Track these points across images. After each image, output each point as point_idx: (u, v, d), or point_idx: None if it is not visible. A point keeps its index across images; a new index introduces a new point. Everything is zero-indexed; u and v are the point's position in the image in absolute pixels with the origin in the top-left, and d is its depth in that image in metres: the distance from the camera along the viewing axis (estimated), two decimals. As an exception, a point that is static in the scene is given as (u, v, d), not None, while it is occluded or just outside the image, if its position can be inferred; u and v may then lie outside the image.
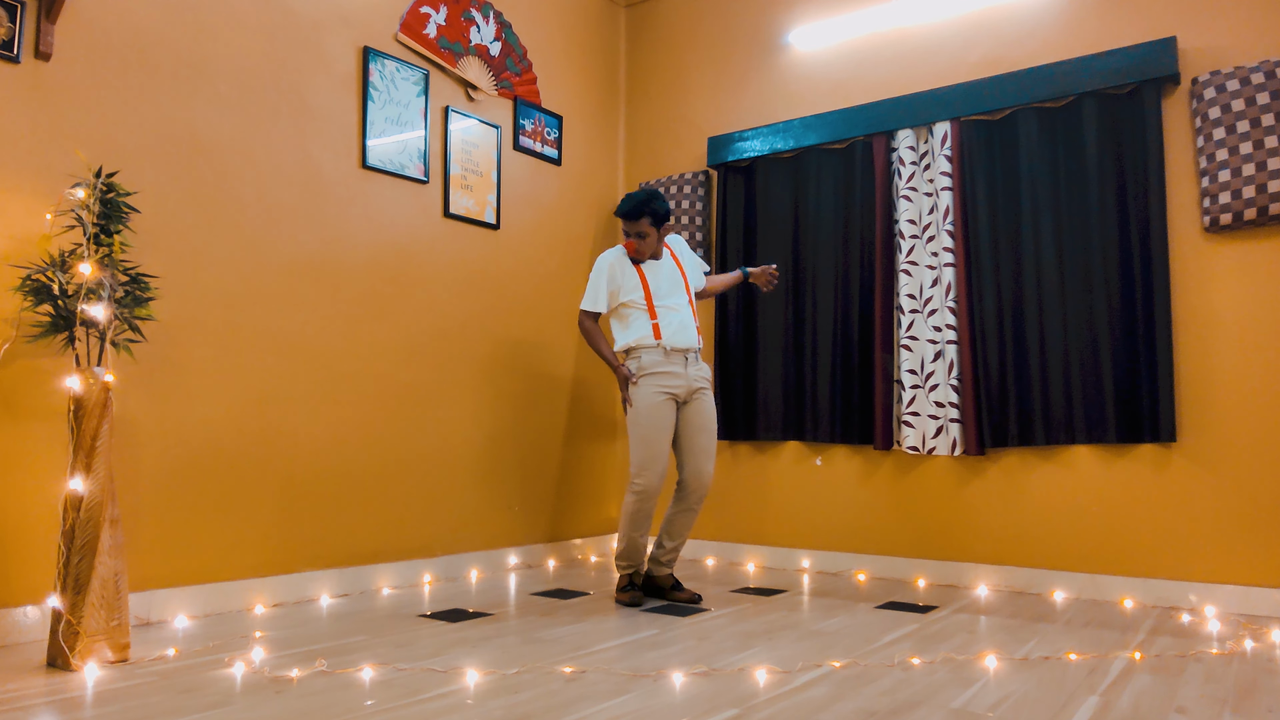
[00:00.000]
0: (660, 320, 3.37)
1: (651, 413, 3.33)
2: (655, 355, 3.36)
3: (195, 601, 3.06)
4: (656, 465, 3.32)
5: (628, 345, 3.42)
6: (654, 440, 3.33)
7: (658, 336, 3.36)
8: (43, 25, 2.77)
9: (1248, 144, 3.26)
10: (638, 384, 3.35)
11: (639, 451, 3.33)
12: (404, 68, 3.87)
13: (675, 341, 3.37)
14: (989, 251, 3.84)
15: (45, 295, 2.48)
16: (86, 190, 2.53)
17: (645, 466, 3.32)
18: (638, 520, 3.36)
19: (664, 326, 3.37)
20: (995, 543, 3.81)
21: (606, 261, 3.47)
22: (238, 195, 3.27)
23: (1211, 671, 2.43)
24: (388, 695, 2.15)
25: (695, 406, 3.43)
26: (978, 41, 4.01)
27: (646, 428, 3.33)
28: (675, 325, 3.38)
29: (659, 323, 3.37)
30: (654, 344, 3.36)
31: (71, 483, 2.43)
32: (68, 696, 2.12)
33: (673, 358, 3.37)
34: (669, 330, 3.37)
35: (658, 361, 3.36)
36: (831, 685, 2.27)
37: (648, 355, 3.37)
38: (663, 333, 3.36)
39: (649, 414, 3.33)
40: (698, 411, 3.43)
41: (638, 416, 3.34)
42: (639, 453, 3.33)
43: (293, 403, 3.40)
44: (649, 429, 3.33)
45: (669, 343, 3.36)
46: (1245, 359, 3.36)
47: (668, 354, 3.37)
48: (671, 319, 3.38)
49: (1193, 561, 3.40)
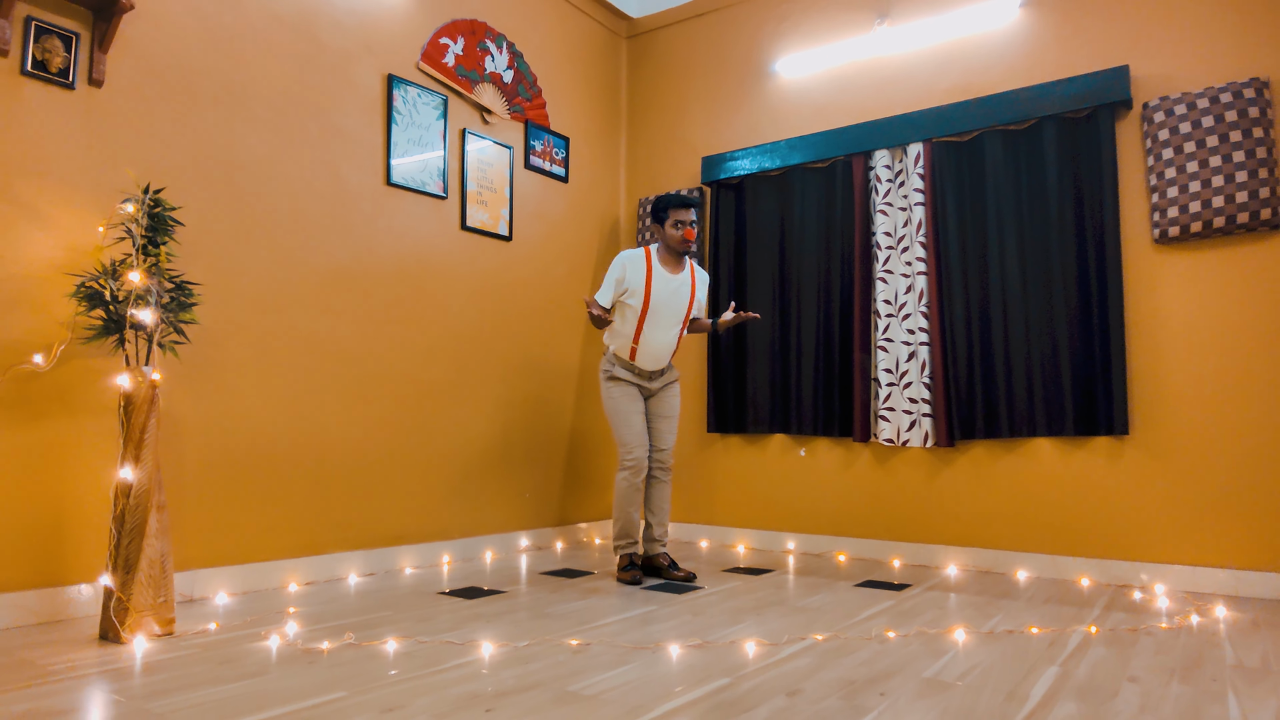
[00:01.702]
0: (640, 344, 3.38)
1: (622, 398, 3.40)
2: (625, 369, 3.43)
3: (234, 580, 3.06)
4: (641, 439, 3.37)
5: (609, 347, 3.47)
6: (632, 420, 3.38)
7: (631, 358, 3.41)
8: (96, 55, 2.77)
9: (1193, 163, 3.26)
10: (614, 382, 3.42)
11: (623, 431, 3.37)
12: (425, 94, 3.87)
13: (644, 364, 3.42)
14: (958, 261, 3.84)
15: (98, 301, 2.48)
16: (135, 205, 2.53)
17: (633, 443, 3.35)
18: (630, 495, 3.38)
19: (641, 350, 3.40)
20: (964, 526, 3.81)
21: (625, 260, 3.40)
22: (273, 210, 3.27)
23: (1161, 644, 2.43)
24: (410, 665, 2.15)
25: (658, 397, 3.50)
26: (948, 69, 4.01)
27: (622, 410, 3.38)
28: (651, 353, 3.40)
29: (638, 346, 3.39)
30: (627, 361, 3.42)
31: (122, 472, 2.43)
32: (118, 666, 2.12)
33: (640, 374, 3.44)
34: (643, 355, 3.40)
35: (628, 374, 3.42)
36: (815, 656, 2.27)
37: (620, 368, 3.43)
38: (638, 355, 3.40)
39: (620, 398, 3.40)
40: (660, 401, 3.50)
41: (612, 405, 3.40)
42: (623, 432, 3.37)
43: (323, 399, 3.40)
44: (624, 410, 3.38)
45: (639, 364, 3.42)
46: (1192, 359, 3.36)
47: (637, 372, 3.43)
48: (650, 345, 3.38)
49: (1144, 544, 3.40)
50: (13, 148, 2.60)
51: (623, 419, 3.39)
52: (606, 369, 3.47)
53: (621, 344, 3.41)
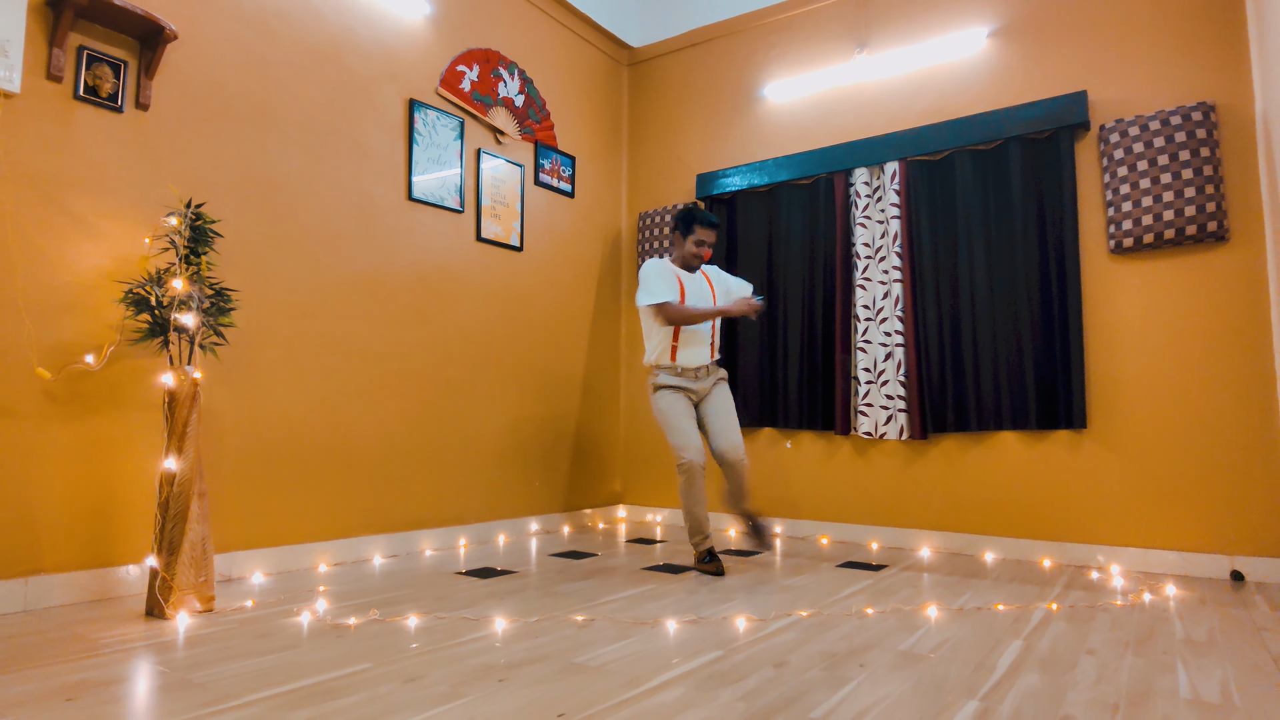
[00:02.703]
0: (680, 342, 3.24)
1: (673, 404, 3.21)
2: (670, 375, 3.26)
3: (269, 561, 3.06)
4: (693, 440, 3.14)
5: (650, 363, 3.31)
6: (682, 425, 3.17)
7: (673, 359, 3.25)
8: (142, 81, 2.77)
9: (1146, 180, 3.27)
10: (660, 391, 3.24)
11: (674, 436, 3.17)
12: (443, 116, 3.87)
13: (687, 363, 3.26)
14: (930, 270, 3.84)
15: (144, 306, 2.48)
16: (178, 218, 2.53)
17: (683, 445, 3.13)
18: (692, 494, 3.16)
19: (681, 349, 3.24)
20: (936, 512, 3.81)
21: (661, 264, 3.28)
22: (304, 223, 3.27)
23: (1116, 619, 2.44)
24: (430, 639, 2.15)
25: (710, 400, 3.31)
26: (922, 94, 4.01)
27: (670, 415, 3.20)
28: (691, 349, 3.26)
29: (678, 345, 3.25)
30: (670, 364, 3.26)
31: (166, 462, 2.43)
32: (163, 640, 2.12)
33: (686, 374, 3.27)
34: (685, 353, 3.26)
35: (673, 378, 3.26)
36: (800, 631, 2.27)
37: (664, 374, 3.26)
38: (679, 356, 3.25)
39: (671, 406, 3.21)
40: (712, 401, 3.30)
41: (663, 412, 3.21)
42: (674, 437, 3.16)
43: (349, 396, 3.40)
44: (673, 415, 3.19)
45: (682, 364, 3.26)
46: (1144, 359, 3.36)
47: (681, 372, 3.27)
48: (690, 341, 3.25)
49: (1100, 528, 3.40)
50: (66, 166, 2.60)
51: (673, 424, 3.18)
52: (653, 382, 3.29)
53: (662, 350, 3.25)
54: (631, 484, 4.94)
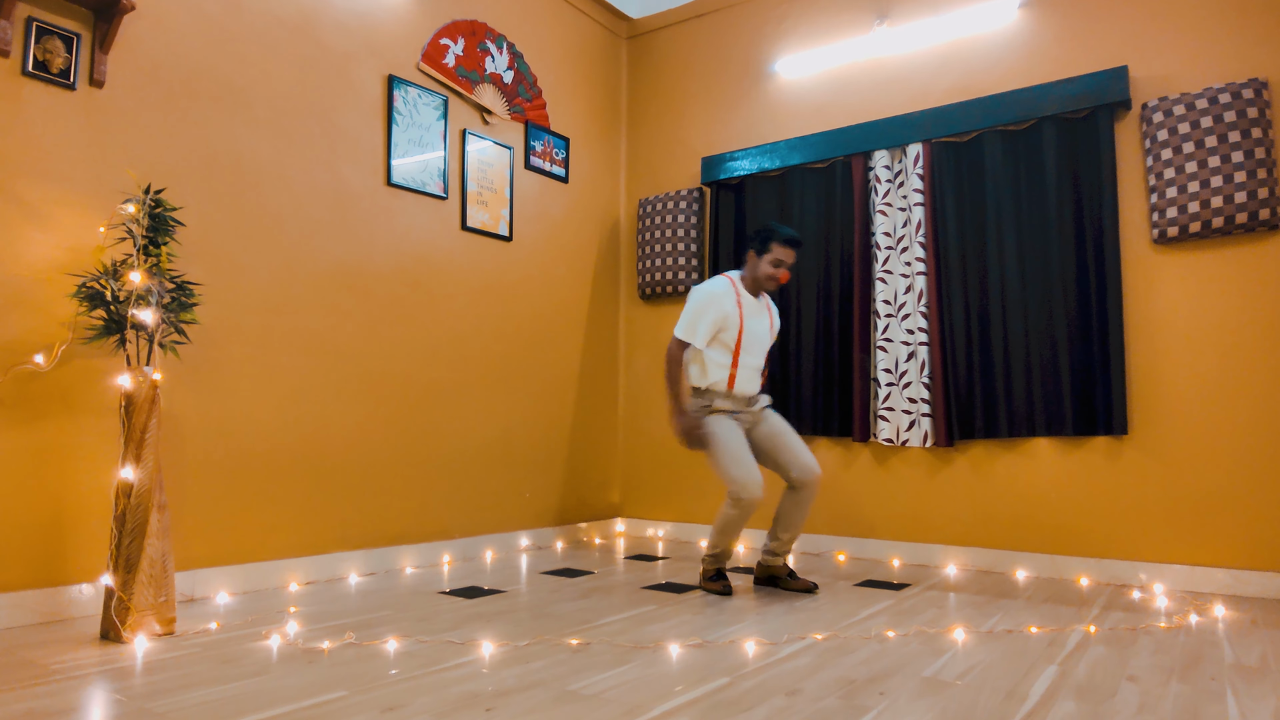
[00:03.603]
0: (738, 370, 3.23)
1: (729, 433, 3.15)
2: (723, 400, 3.23)
3: (235, 580, 3.06)
4: (755, 478, 3.05)
5: (700, 386, 3.27)
6: (743, 458, 3.09)
7: (730, 386, 3.22)
8: (97, 55, 2.77)
9: (1192, 164, 3.26)
10: (701, 429, 3.19)
11: (735, 470, 3.06)
12: (425, 94, 3.87)
13: (743, 389, 3.24)
14: (957, 261, 3.84)
15: (99, 301, 2.48)
16: (136, 206, 2.53)
17: (746, 480, 3.04)
18: (735, 529, 3.13)
19: (739, 376, 3.22)
20: (963, 526, 3.81)
21: (717, 294, 3.20)
22: (274, 210, 3.27)
23: (1160, 643, 2.43)
24: (410, 665, 2.14)
25: (763, 425, 3.29)
26: (947, 70, 4.01)
27: (730, 444, 3.12)
28: (747, 377, 3.25)
29: (736, 373, 3.22)
30: (725, 391, 3.22)
31: (123, 471, 2.43)
32: (119, 666, 2.12)
33: (738, 400, 3.25)
34: (741, 381, 3.23)
35: (725, 403, 3.23)
36: (814, 656, 2.27)
37: (718, 399, 3.23)
38: (735, 383, 3.22)
39: (727, 433, 3.15)
40: (769, 424, 3.29)
41: (718, 440, 3.14)
42: (736, 471, 3.06)
43: (323, 399, 3.40)
44: (733, 445, 3.12)
45: (737, 391, 3.23)
46: (1190, 359, 3.36)
47: (734, 399, 3.25)
48: (746, 369, 3.24)
49: (1143, 543, 3.40)
50: (14, 148, 2.60)
51: (734, 454, 3.09)
52: (701, 403, 3.24)
53: (719, 376, 3.21)
54: (631, 495, 4.93)
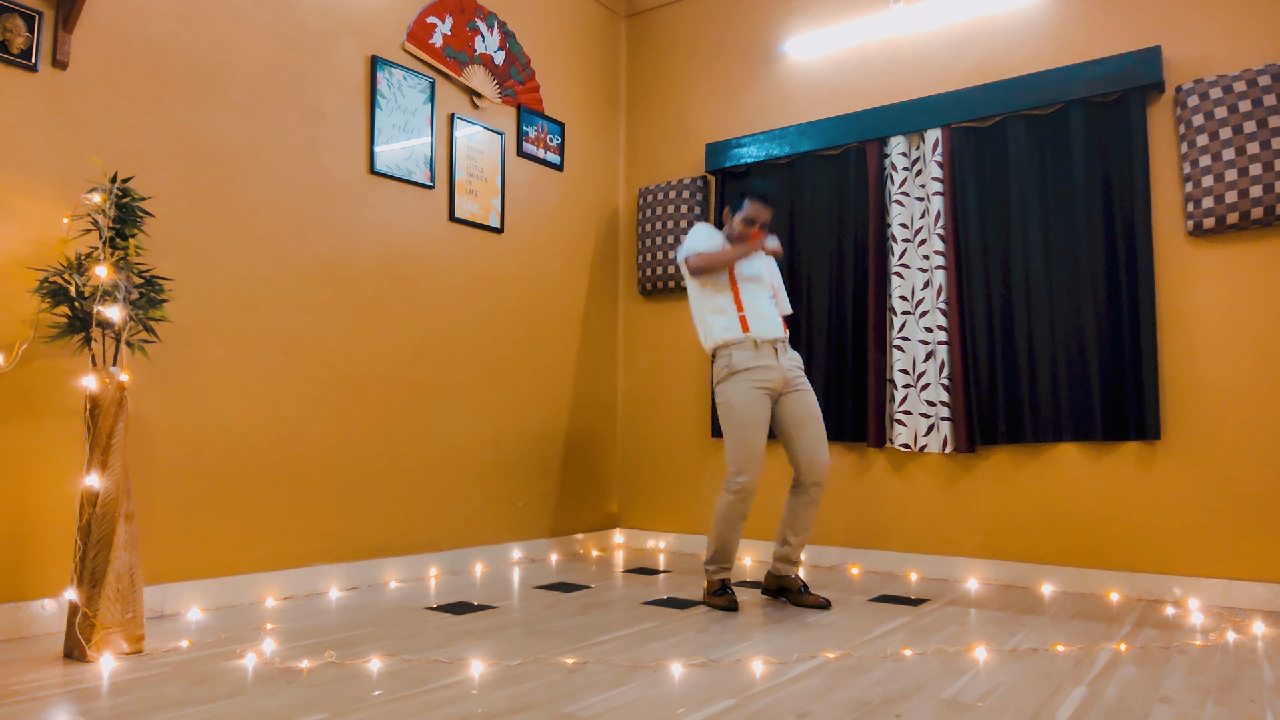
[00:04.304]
0: (746, 311, 3.21)
1: (748, 409, 3.14)
2: (746, 351, 3.18)
3: (208, 594, 3.06)
4: (756, 462, 3.11)
5: (716, 344, 3.26)
6: (752, 438, 3.12)
7: (745, 329, 3.20)
8: (60, 35, 2.77)
9: (1230, 150, 3.26)
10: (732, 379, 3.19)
11: (738, 450, 3.11)
12: (411, 76, 3.87)
13: (762, 333, 3.19)
14: (979, 255, 3.84)
15: (62, 297, 2.48)
16: (102, 195, 2.53)
17: (746, 464, 3.09)
18: (734, 521, 3.15)
19: (750, 317, 3.20)
20: (985, 537, 3.81)
21: (709, 228, 3.35)
22: (249, 200, 3.27)
23: (1195, 662, 2.43)
24: (395, 685, 2.15)
25: (794, 398, 3.24)
26: (968, 50, 4.01)
27: (744, 425, 3.13)
28: (760, 316, 3.23)
29: (745, 315, 3.21)
30: (742, 338, 3.19)
31: (88, 479, 2.43)
32: (84, 687, 2.12)
33: (763, 350, 3.19)
34: (755, 321, 3.20)
35: (750, 357, 3.18)
36: (826, 676, 2.27)
37: (738, 353, 3.19)
38: (750, 324, 3.19)
39: (745, 410, 3.14)
40: (798, 403, 3.24)
41: (733, 414, 3.15)
42: (738, 451, 3.11)
43: (302, 402, 3.40)
44: (746, 426, 3.13)
45: (756, 334, 3.18)
46: (1228, 359, 3.36)
47: (758, 346, 3.19)
48: (755, 307, 3.23)
49: (1177, 556, 3.40)
50: (-28, 134, 2.60)
51: (740, 433, 3.11)
52: (723, 364, 3.22)
53: (730, 327, 3.21)
54: (630, 505, 4.93)
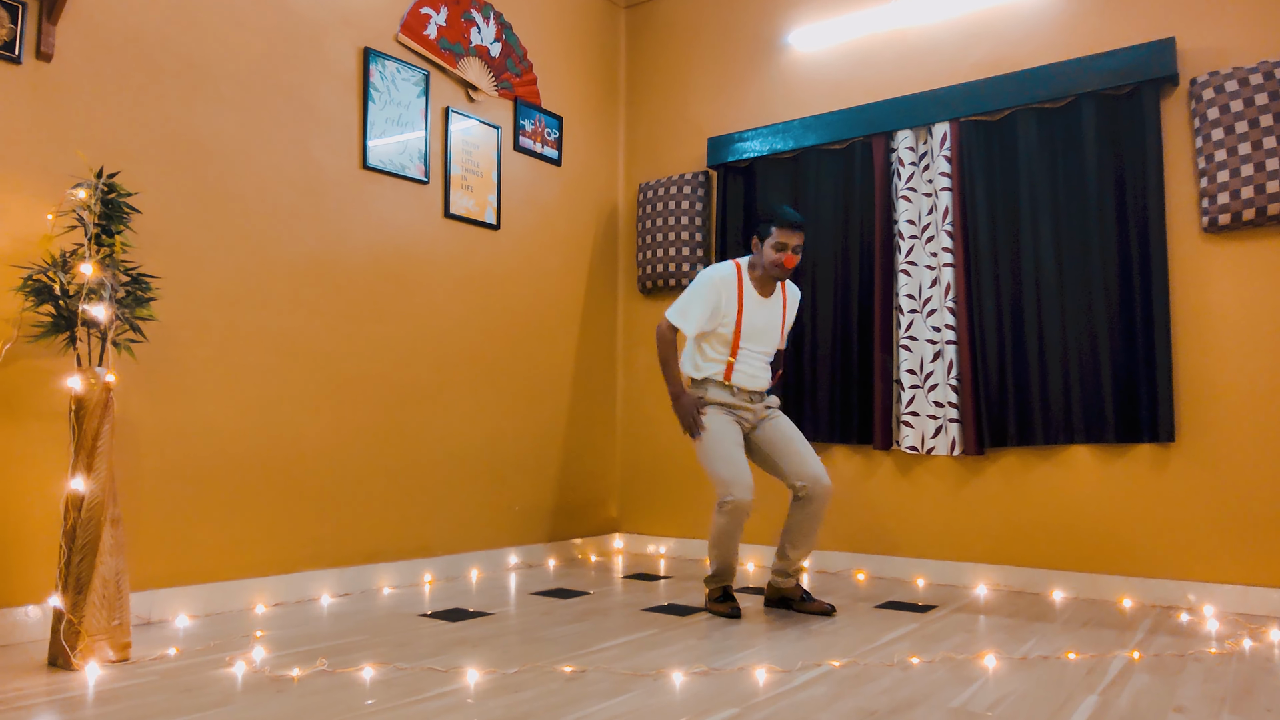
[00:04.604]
0: (738, 361, 3.23)
1: (723, 429, 3.18)
2: (722, 393, 3.23)
3: (196, 601, 3.06)
4: (743, 479, 3.09)
5: (695, 378, 3.28)
6: (733, 456, 3.13)
7: (728, 378, 3.23)
8: (44, 26, 2.77)
9: (1246, 144, 3.26)
10: (705, 413, 3.20)
11: (722, 469, 3.11)
12: (404, 68, 3.87)
13: (744, 384, 3.24)
14: (988, 252, 3.84)
15: (47, 295, 2.47)
16: (88, 191, 2.53)
17: (733, 483, 3.07)
18: (728, 542, 3.14)
19: (738, 369, 3.23)
20: (994, 542, 3.81)
21: (717, 281, 3.21)
22: (239, 195, 3.27)
23: (1210, 671, 2.43)
24: (388, 694, 2.14)
25: (769, 425, 3.29)
26: (977, 42, 4.01)
27: (721, 444, 3.15)
28: (748, 371, 3.25)
29: (735, 363, 3.22)
30: (722, 383, 3.23)
31: (73, 482, 2.42)
32: (69, 696, 2.12)
33: (739, 395, 3.25)
34: (741, 374, 3.23)
35: (724, 396, 3.23)
36: (831, 684, 2.27)
37: (714, 390, 3.23)
38: (734, 375, 3.22)
39: (720, 431, 3.17)
40: (775, 427, 3.28)
41: (709, 436, 3.17)
42: (723, 470, 3.10)
43: (294, 403, 3.40)
44: (724, 445, 3.15)
45: (737, 383, 3.23)
46: (1244, 359, 3.35)
47: (735, 393, 3.25)
48: (748, 363, 3.25)
49: (1191, 561, 3.39)
50: (-47, 128, 2.60)
51: (721, 452, 3.13)
52: (699, 396, 3.25)
53: (715, 367, 3.24)
54: (630, 509, 4.93)
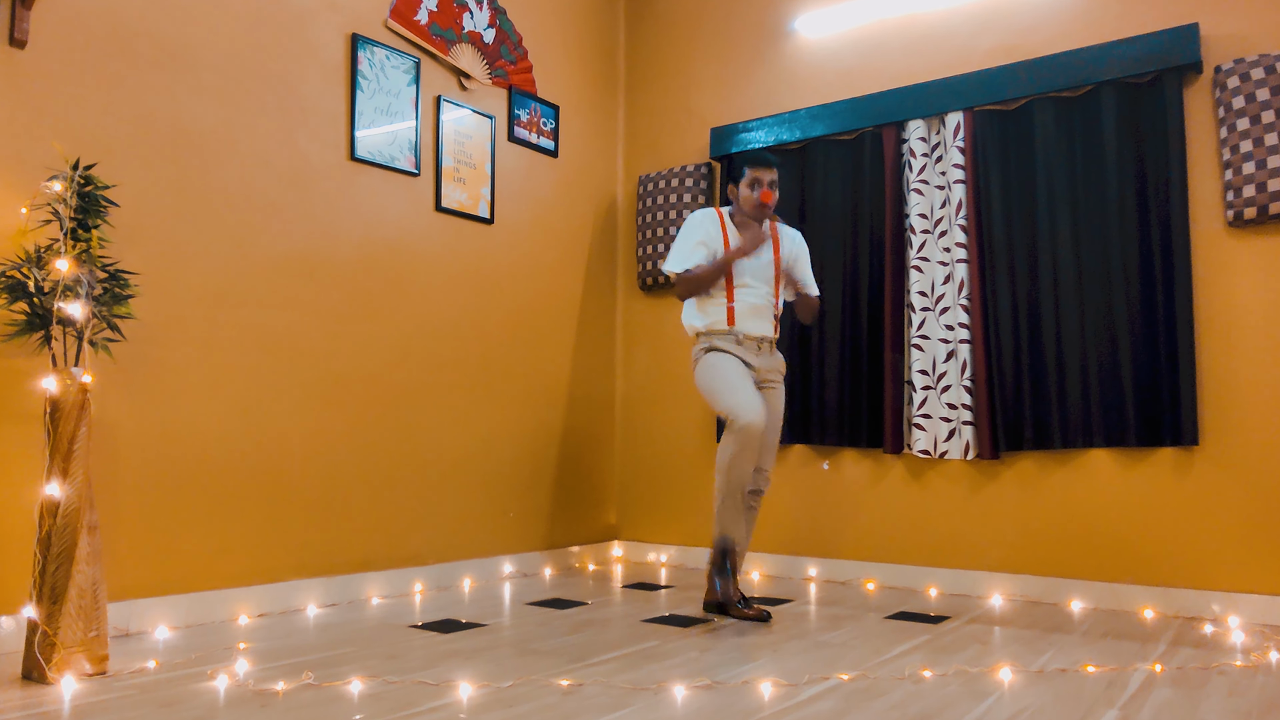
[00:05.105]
0: (737, 303, 3.28)
1: (726, 364, 3.22)
2: (727, 342, 3.29)
3: (177, 611, 3.06)
4: (752, 402, 3.11)
5: (698, 330, 3.35)
6: (738, 385, 3.15)
7: (730, 322, 3.28)
8: (18, 11, 2.76)
9: (1273, 135, 3.26)
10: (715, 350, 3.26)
11: (728, 396, 3.13)
12: (394, 56, 3.87)
13: (749, 329, 3.29)
14: (1003, 247, 3.84)
15: (20, 292, 2.47)
16: (63, 183, 2.53)
17: (740, 405, 3.08)
18: (737, 473, 3.11)
19: (739, 311, 3.28)
20: (1010, 550, 3.81)
21: (698, 217, 3.36)
22: (222, 188, 3.27)
23: (1235, 685, 2.43)
24: (377, 709, 2.14)
25: (764, 394, 3.33)
26: (991, 28, 4.01)
27: (726, 376, 3.19)
28: (750, 311, 3.29)
29: (734, 305, 3.27)
30: (726, 330, 3.29)
31: (48, 488, 2.42)
32: (43, 710, 2.12)
33: (746, 346, 3.29)
34: (744, 316, 3.28)
35: (729, 346, 3.28)
36: (839, 699, 2.26)
37: (720, 340, 3.29)
38: (736, 318, 3.27)
39: (724, 365, 3.22)
40: (766, 404, 3.30)
41: (712, 372, 3.22)
42: (728, 397, 3.13)
43: (279, 404, 3.40)
44: (728, 376, 3.18)
45: (741, 329, 3.28)
46: (1271, 359, 3.35)
47: (741, 341, 3.29)
48: (748, 303, 3.29)
49: (1216, 570, 3.39)
50: (-77, 118, 2.60)
51: (730, 382, 3.15)
52: (703, 345, 3.32)
53: (716, 314, 3.30)
54: (629, 516, 4.93)
